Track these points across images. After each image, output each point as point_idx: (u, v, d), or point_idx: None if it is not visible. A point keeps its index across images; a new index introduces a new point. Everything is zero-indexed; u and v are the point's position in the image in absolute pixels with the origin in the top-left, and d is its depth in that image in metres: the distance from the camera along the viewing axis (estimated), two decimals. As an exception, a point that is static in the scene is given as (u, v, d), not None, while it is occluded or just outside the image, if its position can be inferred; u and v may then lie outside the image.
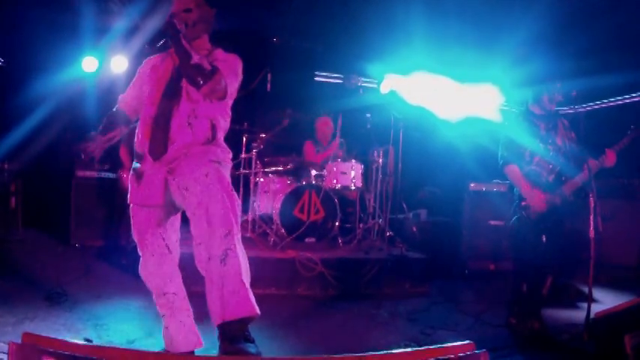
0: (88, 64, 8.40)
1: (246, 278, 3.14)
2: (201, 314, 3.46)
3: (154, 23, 3.38)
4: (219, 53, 3.57)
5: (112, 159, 7.95)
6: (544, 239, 4.75)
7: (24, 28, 7.78)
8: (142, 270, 3.53)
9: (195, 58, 3.23)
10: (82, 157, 3.70)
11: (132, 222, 3.57)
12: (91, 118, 8.46)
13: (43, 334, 3.95)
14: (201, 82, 3.25)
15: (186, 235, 3.51)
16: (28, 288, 5.67)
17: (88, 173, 8.05)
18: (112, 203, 7.95)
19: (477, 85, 8.80)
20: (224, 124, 3.57)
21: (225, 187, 3.25)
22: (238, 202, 3.31)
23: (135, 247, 3.55)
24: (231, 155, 3.62)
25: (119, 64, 8.35)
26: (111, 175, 8.09)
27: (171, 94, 3.44)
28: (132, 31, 2.76)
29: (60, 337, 3.84)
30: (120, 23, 7.37)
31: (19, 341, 2.88)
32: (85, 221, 7.94)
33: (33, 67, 8.43)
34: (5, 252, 7.21)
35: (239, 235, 3.19)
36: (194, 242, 3.18)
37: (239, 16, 6.76)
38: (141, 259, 3.54)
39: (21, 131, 8.27)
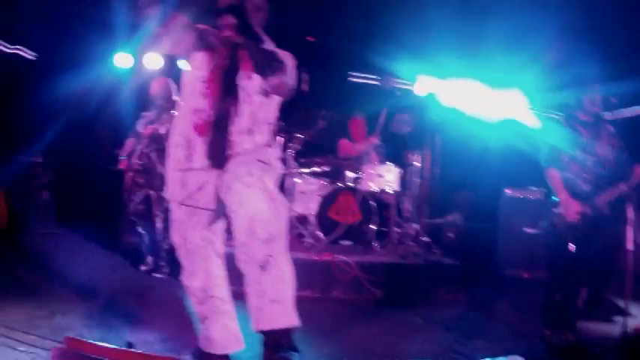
0: (122, 60, 8.57)
1: (288, 287, 3.06)
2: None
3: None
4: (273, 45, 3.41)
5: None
6: (572, 248, 4.74)
7: (56, 23, 7.88)
8: (187, 276, 3.45)
9: (269, 44, 3.09)
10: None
11: (174, 226, 3.48)
12: (125, 113, 8.64)
13: (77, 330, 4.17)
14: (272, 71, 3.11)
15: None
16: (59, 281, 5.74)
17: None
18: None
19: (513, 88, 8.76)
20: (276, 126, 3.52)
21: (270, 190, 3.13)
22: (285, 205, 3.21)
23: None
24: (279, 156, 3.53)
25: (153, 60, 8.49)
26: None
27: (227, 94, 3.28)
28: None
29: (94, 335, 4.02)
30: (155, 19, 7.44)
31: (59, 340, 2.94)
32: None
33: (65, 61, 8.55)
34: (38, 245, 7.36)
35: (283, 241, 3.08)
36: (235, 242, 3.10)
37: (275, 14, 6.83)
38: (184, 263, 3.46)
39: (54, 126, 8.45)
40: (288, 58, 3.33)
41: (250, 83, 3.27)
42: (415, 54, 8.54)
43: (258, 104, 3.31)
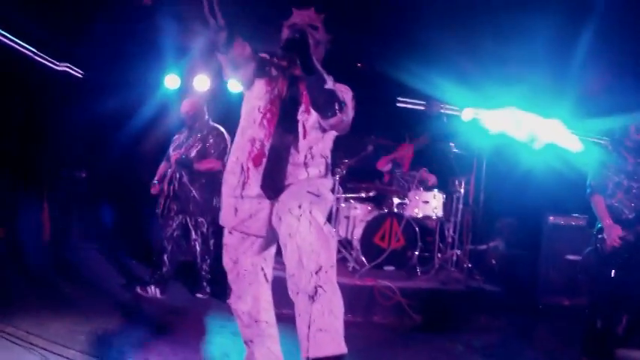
0: (170, 81, 8.63)
1: (337, 316, 2.99)
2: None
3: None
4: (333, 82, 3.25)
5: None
6: (613, 274, 4.78)
7: (105, 42, 7.96)
8: (235, 299, 3.50)
9: (330, 83, 2.99)
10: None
11: (226, 250, 3.51)
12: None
13: (117, 347, 4.31)
14: (331, 113, 3.05)
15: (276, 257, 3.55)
16: (100, 297, 5.91)
17: None
18: None
19: (558, 114, 8.78)
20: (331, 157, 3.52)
21: (318, 222, 3.03)
22: (333, 236, 3.11)
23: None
24: (331, 187, 3.51)
25: (202, 82, 8.57)
26: None
27: (285, 126, 3.30)
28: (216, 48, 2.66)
29: (135, 352, 4.21)
30: (203, 41, 7.58)
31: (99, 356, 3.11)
32: None
33: (113, 81, 8.72)
34: (80, 259, 7.51)
35: (332, 271, 3.00)
36: (286, 271, 3.04)
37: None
38: (233, 287, 3.51)
39: (100, 142, 8.77)
40: (347, 94, 3.32)
41: (309, 117, 3.31)
42: (461, 80, 8.63)
43: (315, 138, 3.34)
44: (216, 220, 4.77)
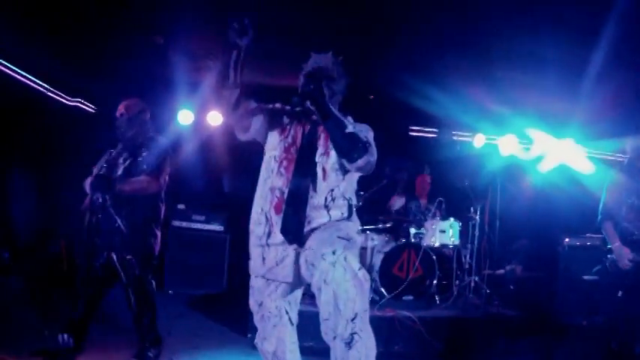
0: (184, 116, 8.89)
1: (371, 357, 3.05)
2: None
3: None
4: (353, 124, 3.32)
5: (206, 211, 8.58)
6: (620, 294, 4.87)
7: (118, 77, 8.08)
8: (261, 340, 3.55)
9: (350, 127, 3.06)
10: None
11: (252, 292, 3.55)
12: (186, 168, 9.04)
13: None
14: (357, 155, 3.10)
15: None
16: (122, 333, 5.57)
17: (185, 224, 8.64)
18: (207, 254, 8.56)
19: (571, 136, 8.88)
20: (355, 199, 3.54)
21: (353, 267, 2.99)
22: (367, 280, 3.09)
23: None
24: (359, 229, 3.53)
25: (215, 118, 8.88)
26: (206, 226, 8.68)
27: (304, 172, 3.34)
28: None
29: None
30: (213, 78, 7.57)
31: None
32: (179, 269, 8.47)
33: None
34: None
35: (367, 315, 3.02)
36: (320, 315, 3.03)
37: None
38: (258, 327, 3.56)
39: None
40: (369, 133, 3.40)
41: (328, 159, 3.36)
42: (473, 106, 8.75)
43: (335, 180, 3.37)
44: (151, 261, 4.71)
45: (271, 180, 3.42)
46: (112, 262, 4.69)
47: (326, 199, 3.34)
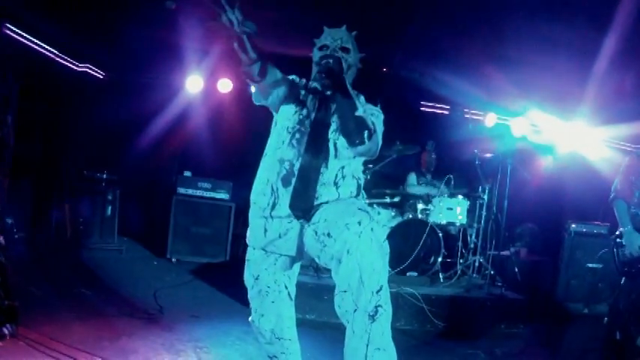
0: (193, 83, 8.88)
1: (390, 332, 2.95)
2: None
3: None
4: (364, 106, 3.22)
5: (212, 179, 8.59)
6: (622, 281, 4.83)
7: (126, 44, 8.05)
8: (258, 316, 3.47)
9: (360, 109, 2.94)
10: None
11: (247, 265, 3.48)
12: (194, 134, 9.07)
13: (142, 354, 4.32)
14: (359, 141, 3.03)
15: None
16: (124, 301, 5.88)
17: (190, 191, 8.60)
18: (211, 222, 8.58)
19: (582, 119, 8.79)
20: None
21: (380, 239, 2.90)
22: (387, 253, 2.97)
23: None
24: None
25: (225, 85, 8.87)
26: (211, 194, 8.66)
27: (316, 147, 3.25)
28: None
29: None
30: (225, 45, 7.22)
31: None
32: (183, 236, 8.46)
33: (134, 82, 8.97)
34: (103, 262, 7.62)
35: (388, 289, 2.93)
36: (337, 287, 2.93)
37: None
38: (253, 304, 3.50)
39: (122, 142, 8.93)
40: (378, 118, 3.32)
41: (340, 136, 3.26)
42: (485, 85, 8.66)
43: (347, 158, 3.29)
44: None
45: (281, 151, 3.32)
46: None
47: (336, 175, 3.27)
